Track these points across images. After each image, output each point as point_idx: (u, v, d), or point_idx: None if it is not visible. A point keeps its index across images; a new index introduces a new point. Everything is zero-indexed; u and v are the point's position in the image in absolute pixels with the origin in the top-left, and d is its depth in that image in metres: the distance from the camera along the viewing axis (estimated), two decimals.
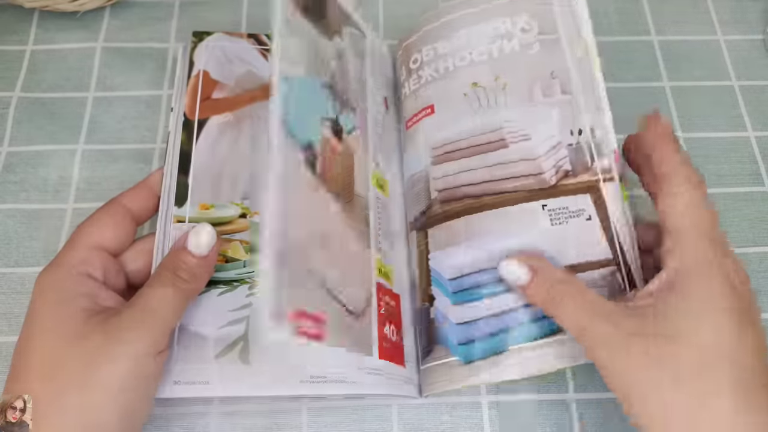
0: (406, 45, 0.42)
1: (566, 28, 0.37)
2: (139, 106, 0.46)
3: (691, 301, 0.27)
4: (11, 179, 0.43)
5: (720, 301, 0.27)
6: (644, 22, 0.50)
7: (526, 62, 0.37)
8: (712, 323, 0.27)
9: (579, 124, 0.35)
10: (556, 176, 0.35)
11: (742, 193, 0.44)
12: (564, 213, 0.34)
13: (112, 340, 0.29)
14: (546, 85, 0.36)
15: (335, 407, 0.37)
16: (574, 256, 0.33)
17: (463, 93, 0.38)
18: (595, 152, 0.35)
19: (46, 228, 0.42)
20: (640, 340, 0.27)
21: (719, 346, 0.26)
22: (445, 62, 0.39)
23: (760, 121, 0.46)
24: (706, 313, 0.27)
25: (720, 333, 0.26)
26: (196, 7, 0.49)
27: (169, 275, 0.31)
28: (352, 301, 0.33)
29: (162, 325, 0.30)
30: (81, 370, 0.28)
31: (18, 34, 0.48)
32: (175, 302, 0.31)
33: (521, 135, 0.36)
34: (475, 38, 0.39)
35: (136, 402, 0.30)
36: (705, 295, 0.27)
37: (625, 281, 0.33)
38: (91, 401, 0.28)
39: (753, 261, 0.42)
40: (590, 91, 0.36)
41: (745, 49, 0.49)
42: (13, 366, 0.30)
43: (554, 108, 0.36)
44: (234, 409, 0.37)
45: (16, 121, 0.45)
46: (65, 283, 0.31)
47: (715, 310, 0.27)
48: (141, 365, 0.29)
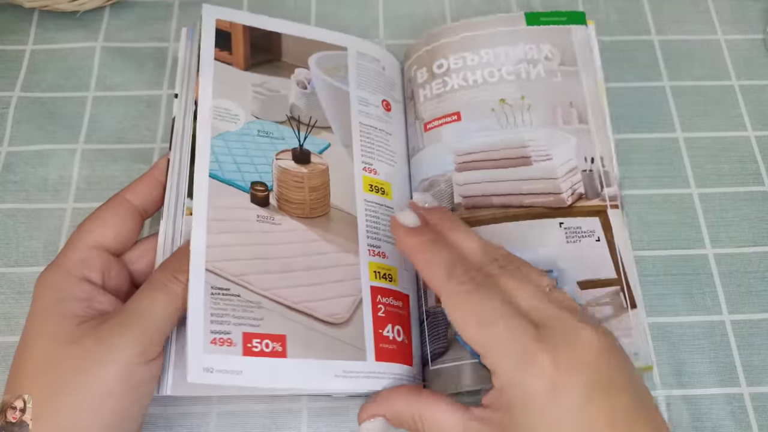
0: (428, 49, 0.43)
1: (583, 62, 0.41)
2: (139, 106, 0.46)
3: (516, 416, 0.27)
4: (11, 179, 0.43)
5: (541, 402, 0.26)
6: (644, 21, 0.50)
7: (550, 89, 0.40)
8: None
9: (592, 153, 0.39)
10: (572, 197, 0.38)
11: (742, 193, 0.44)
12: (578, 232, 0.37)
13: (103, 345, 0.29)
14: (566, 113, 0.40)
15: (335, 408, 0.37)
16: (584, 273, 0.36)
17: (491, 108, 0.40)
18: (604, 181, 0.38)
19: (46, 228, 0.42)
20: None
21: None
22: (473, 74, 0.41)
23: (760, 121, 0.46)
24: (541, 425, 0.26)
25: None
26: (196, 7, 0.49)
27: (163, 278, 0.31)
28: (332, 311, 0.34)
29: (151, 332, 0.29)
30: (71, 373, 0.28)
31: (18, 34, 0.48)
32: (167, 308, 0.30)
33: (544, 155, 0.39)
34: (503, 57, 0.42)
35: (127, 407, 0.29)
36: (523, 408, 0.27)
37: (627, 301, 0.36)
38: (81, 404, 0.28)
39: (752, 260, 0.42)
40: (601, 124, 0.39)
41: (745, 48, 0.49)
42: (12, 366, 0.30)
43: (572, 135, 0.39)
44: (234, 409, 0.37)
45: (16, 121, 0.45)
46: (61, 285, 0.31)
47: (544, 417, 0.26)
48: (130, 372, 0.29)
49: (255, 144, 0.37)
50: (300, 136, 0.38)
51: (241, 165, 0.36)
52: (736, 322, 0.40)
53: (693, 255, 0.42)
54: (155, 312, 0.30)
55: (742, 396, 0.38)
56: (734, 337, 0.39)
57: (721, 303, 0.40)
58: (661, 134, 0.46)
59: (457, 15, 0.50)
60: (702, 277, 0.41)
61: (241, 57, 0.39)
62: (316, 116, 0.40)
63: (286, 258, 0.35)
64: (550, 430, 0.26)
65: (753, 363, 0.39)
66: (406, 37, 0.49)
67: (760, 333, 0.39)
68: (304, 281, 0.35)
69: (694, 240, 0.42)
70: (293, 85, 0.40)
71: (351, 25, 0.49)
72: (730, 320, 0.40)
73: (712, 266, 0.41)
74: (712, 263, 0.41)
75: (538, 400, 0.26)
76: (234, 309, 0.32)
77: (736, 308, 0.40)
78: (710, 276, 0.41)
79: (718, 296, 0.40)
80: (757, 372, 0.38)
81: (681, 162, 0.45)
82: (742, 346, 0.39)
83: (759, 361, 0.39)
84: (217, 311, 0.31)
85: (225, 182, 0.35)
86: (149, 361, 0.29)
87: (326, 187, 0.38)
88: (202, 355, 0.30)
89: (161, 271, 0.31)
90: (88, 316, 0.30)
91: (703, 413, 0.37)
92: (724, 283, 0.41)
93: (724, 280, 0.41)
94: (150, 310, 0.30)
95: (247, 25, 0.40)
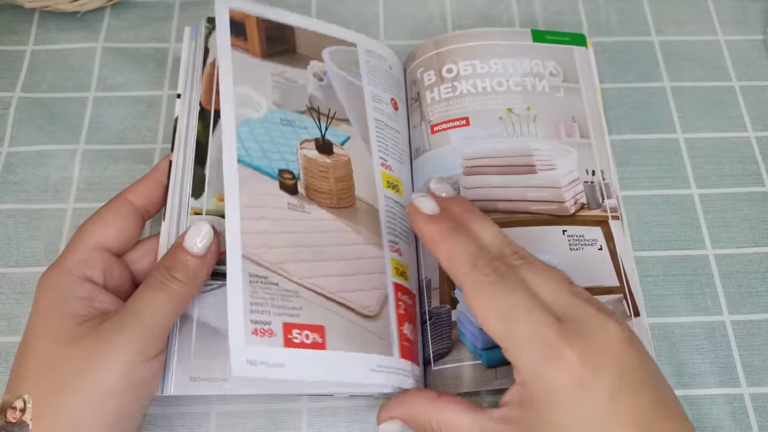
0: (437, 53, 0.44)
1: (584, 80, 0.43)
2: (139, 106, 0.46)
3: (540, 411, 0.27)
4: (11, 179, 0.43)
5: (567, 397, 0.26)
6: (644, 22, 0.50)
7: (554, 103, 0.42)
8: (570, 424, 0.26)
9: (593, 166, 0.40)
10: (574, 207, 0.39)
11: (742, 193, 0.44)
12: (581, 240, 0.38)
13: (103, 344, 0.29)
14: (569, 127, 0.41)
15: (335, 408, 0.37)
16: (587, 280, 0.36)
17: (499, 116, 0.41)
18: (605, 192, 0.40)
19: (46, 228, 0.42)
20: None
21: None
22: (483, 82, 0.42)
23: (760, 121, 0.46)
24: (562, 421, 0.26)
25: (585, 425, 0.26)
26: (196, 7, 0.50)
27: (160, 277, 0.31)
28: (364, 303, 0.34)
29: (151, 331, 0.29)
30: (72, 373, 0.28)
31: (18, 34, 0.48)
32: (166, 306, 0.30)
33: (548, 164, 0.40)
34: (510, 69, 0.43)
35: (127, 406, 0.29)
36: (547, 403, 0.27)
37: (630, 309, 0.37)
38: (81, 404, 0.28)
39: (753, 261, 0.42)
40: (601, 139, 0.41)
41: (745, 49, 0.49)
42: (13, 366, 0.30)
43: (574, 148, 0.41)
44: (234, 409, 0.37)
45: (17, 121, 0.45)
46: (63, 285, 0.31)
47: (568, 412, 0.26)
48: (130, 370, 0.29)
49: (279, 132, 0.36)
50: (321, 126, 0.38)
51: (267, 152, 0.35)
52: (737, 323, 0.40)
53: (693, 255, 0.42)
54: (154, 310, 0.30)
55: (743, 396, 0.38)
56: (734, 338, 0.39)
57: (722, 303, 0.40)
58: (662, 135, 0.46)
59: (458, 17, 0.50)
60: (702, 277, 0.41)
61: (257, 46, 0.39)
62: (335, 108, 0.39)
63: (319, 247, 0.34)
64: (576, 424, 0.26)
65: (753, 363, 0.39)
66: (406, 38, 0.49)
67: (761, 333, 0.39)
68: (338, 271, 0.34)
69: (695, 240, 0.42)
70: (310, 76, 0.40)
71: (351, 24, 0.49)
72: (730, 321, 0.40)
73: (712, 267, 0.41)
74: (713, 264, 0.41)
75: (564, 395, 0.26)
76: (273, 298, 0.31)
77: (737, 309, 0.40)
78: (711, 276, 0.41)
79: (719, 297, 0.40)
80: (757, 372, 0.38)
81: (681, 163, 0.45)
82: (742, 346, 0.39)
83: (759, 362, 0.39)
84: (257, 300, 0.30)
85: (254, 168, 0.34)
86: (150, 360, 0.29)
87: (350, 178, 0.37)
88: (244, 346, 0.29)
89: (158, 269, 0.31)
90: (90, 316, 0.30)
91: (704, 413, 0.37)
92: (725, 284, 0.41)
93: (724, 280, 0.41)
94: (149, 308, 0.30)
95: (260, 17, 0.39)
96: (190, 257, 0.31)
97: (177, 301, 0.30)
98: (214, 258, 0.32)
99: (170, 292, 0.30)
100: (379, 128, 0.40)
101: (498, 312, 0.28)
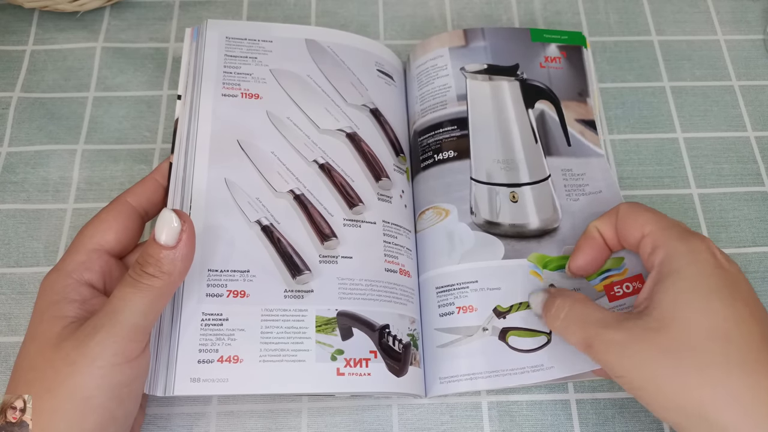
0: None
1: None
2: (139, 106, 0.46)
3: (679, 292, 0.29)
4: (11, 179, 0.43)
5: (705, 283, 0.29)
6: (644, 22, 0.50)
7: None
8: (701, 307, 0.28)
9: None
10: None
11: (742, 193, 0.44)
12: None
13: (80, 348, 0.28)
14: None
15: (335, 408, 0.37)
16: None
17: None
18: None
19: (46, 228, 0.42)
20: (642, 337, 0.29)
21: (712, 328, 0.28)
22: None
23: (759, 120, 0.46)
24: (695, 299, 0.29)
25: (710, 314, 0.28)
26: (196, 7, 0.50)
27: (133, 274, 0.29)
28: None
29: (126, 330, 0.28)
30: (52, 377, 0.28)
31: (18, 34, 0.48)
32: (140, 303, 0.29)
33: None
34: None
35: (111, 411, 0.28)
36: (690, 282, 0.29)
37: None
38: (57, 409, 0.27)
39: (753, 261, 0.42)
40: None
41: (745, 49, 0.49)
42: (13, 367, 0.30)
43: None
44: (234, 409, 0.37)
45: (16, 121, 0.45)
46: (59, 287, 0.31)
47: (702, 294, 0.29)
48: (110, 373, 0.28)
49: None
50: None
51: None
52: None
53: None
54: (128, 309, 0.29)
55: None
56: None
57: None
58: (661, 134, 0.46)
59: (458, 17, 0.50)
60: None
61: None
62: None
63: None
64: (712, 287, 0.29)
65: None
66: (406, 37, 0.49)
67: None
68: None
69: None
70: None
71: (351, 24, 0.49)
72: None
73: None
74: None
75: (704, 259, 0.30)
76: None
77: None
78: None
79: None
80: None
81: (681, 162, 0.45)
82: None
83: None
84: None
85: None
86: (130, 361, 0.28)
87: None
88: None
89: (132, 267, 0.30)
90: (81, 318, 0.30)
91: None
92: None
93: None
94: (122, 308, 0.29)
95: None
96: (161, 249, 0.29)
97: (151, 296, 0.29)
98: (186, 247, 0.30)
99: (143, 288, 0.29)
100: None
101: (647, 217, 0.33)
